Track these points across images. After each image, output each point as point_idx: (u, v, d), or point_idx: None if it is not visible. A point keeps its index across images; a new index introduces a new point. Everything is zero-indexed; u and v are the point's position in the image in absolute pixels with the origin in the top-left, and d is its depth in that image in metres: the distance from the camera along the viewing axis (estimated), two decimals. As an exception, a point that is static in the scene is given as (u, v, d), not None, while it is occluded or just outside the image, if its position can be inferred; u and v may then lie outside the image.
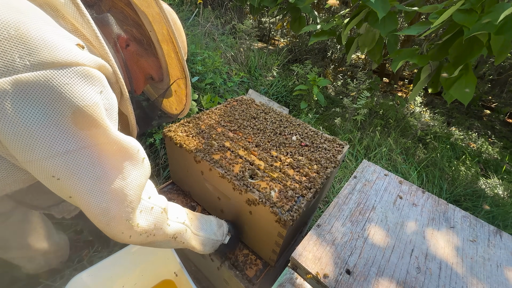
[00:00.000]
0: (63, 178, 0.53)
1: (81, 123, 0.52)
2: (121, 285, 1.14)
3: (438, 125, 3.45)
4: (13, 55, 0.45)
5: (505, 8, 0.98)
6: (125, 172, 0.62)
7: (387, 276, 0.80)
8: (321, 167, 1.08)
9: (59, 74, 0.49)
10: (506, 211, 2.15)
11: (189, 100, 0.95)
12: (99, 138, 0.56)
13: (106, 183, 0.58)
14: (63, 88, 0.49)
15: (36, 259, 1.11)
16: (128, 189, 0.62)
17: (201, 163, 1.06)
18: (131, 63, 0.80)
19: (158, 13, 0.75)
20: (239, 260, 1.10)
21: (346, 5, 4.66)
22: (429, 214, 1.03)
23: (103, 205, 0.59)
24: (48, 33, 0.49)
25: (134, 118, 0.77)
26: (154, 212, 0.70)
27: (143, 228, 0.67)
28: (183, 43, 0.89)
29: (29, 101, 0.47)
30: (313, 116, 3.04)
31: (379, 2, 1.35)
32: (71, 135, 0.52)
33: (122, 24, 0.76)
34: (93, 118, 0.53)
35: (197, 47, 2.55)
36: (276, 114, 1.39)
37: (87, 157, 0.55)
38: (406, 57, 1.41)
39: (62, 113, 0.50)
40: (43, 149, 0.50)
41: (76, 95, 0.50)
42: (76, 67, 0.51)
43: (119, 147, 0.60)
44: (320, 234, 0.90)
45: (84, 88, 0.52)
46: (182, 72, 0.87)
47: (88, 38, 0.58)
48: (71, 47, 0.51)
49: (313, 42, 2.00)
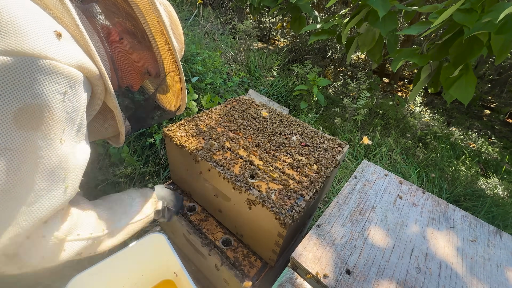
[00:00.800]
0: None
1: (23, 122, 0.46)
2: (121, 285, 1.13)
3: (438, 125, 3.45)
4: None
5: (505, 7, 0.98)
6: (37, 195, 0.52)
7: (387, 276, 0.79)
8: (321, 167, 1.08)
9: (19, 63, 0.44)
10: (506, 211, 2.15)
11: (185, 94, 0.92)
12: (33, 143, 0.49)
13: (10, 198, 0.49)
14: (18, 79, 0.44)
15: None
16: (27, 216, 0.52)
17: (201, 163, 1.06)
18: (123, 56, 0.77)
19: (148, 2, 0.71)
20: (239, 260, 1.09)
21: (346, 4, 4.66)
22: (429, 214, 1.03)
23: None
24: (21, 18, 0.45)
25: (121, 113, 0.73)
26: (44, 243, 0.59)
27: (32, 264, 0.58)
28: (180, 36, 0.87)
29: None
30: (313, 116, 3.04)
31: (379, 1, 1.35)
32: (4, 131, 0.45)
33: (114, 16, 0.73)
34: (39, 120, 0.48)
35: (197, 47, 2.55)
36: (276, 114, 1.39)
37: (5, 161, 0.47)
38: (406, 57, 1.41)
39: (5, 106, 0.44)
40: None
41: (29, 91, 0.46)
42: (43, 60, 0.46)
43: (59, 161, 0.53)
44: (320, 234, 0.90)
45: (41, 85, 0.47)
46: (175, 65, 0.83)
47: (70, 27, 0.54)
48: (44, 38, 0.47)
49: (313, 41, 2.00)
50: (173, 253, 1.12)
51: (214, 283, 1.26)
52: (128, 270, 1.14)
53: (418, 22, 1.37)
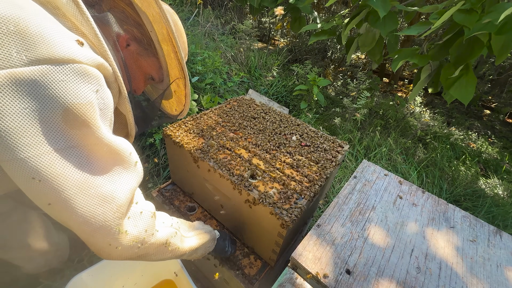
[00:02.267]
0: (45, 180, 0.49)
1: (72, 121, 0.50)
2: (121, 285, 1.13)
3: (438, 125, 3.45)
4: (11, 50, 0.45)
5: (506, 8, 0.98)
6: (115, 175, 0.59)
7: (387, 276, 0.79)
8: (321, 167, 1.08)
9: (55, 70, 0.48)
10: (506, 211, 2.15)
11: (189, 100, 0.95)
12: (89, 138, 0.53)
13: (93, 186, 0.54)
14: (57, 84, 0.48)
15: (35, 259, 1.10)
16: (118, 192, 0.58)
17: (201, 163, 1.06)
18: (131, 62, 0.80)
19: (158, 13, 0.75)
20: (239, 260, 1.09)
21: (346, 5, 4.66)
22: (429, 214, 1.03)
23: (89, 210, 0.54)
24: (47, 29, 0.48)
25: (133, 117, 0.76)
26: (143, 217, 0.66)
27: (133, 236, 0.62)
28: (183, 44, 0.89)
29: (20, 96, 0.46)
30: (313, 116, 3.04)
31: (379, 1, 1.35)
32: (60, 133, 0.50)
33: (122, 23, 0.76)
34: (84, 118, 0.51)
35: (197, 47, 2.55)
36: (276, 114, 1.39)
37: (74, 157, 0.52)
38: (406, 57, 1.41)
39: (53, 110, 0.48)
40: (26, 147, 0.47)
41: (70, 93, 0.49)
42: (73, 65, 0.50)
43: (110, 149, 0.57)
44: (320, 234, 0.90)
45: (79, 86, 0.51)
46: (181, 72, 0.87)
47: (88, 36, 0.58)
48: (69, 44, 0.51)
49: (313, 41, 2.00)
50: (173, 253, 1.12)
51: (214, 283, 1.26)
52: (128, 270, 1.14)
53: (418, 23, 1.37)
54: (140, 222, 0.65)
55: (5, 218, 0.92)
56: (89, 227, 0.55)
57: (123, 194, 0.59)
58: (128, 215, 0.62)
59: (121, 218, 0.60)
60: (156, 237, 0.69)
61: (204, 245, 0.90)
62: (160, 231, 0.71)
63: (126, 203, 0.60)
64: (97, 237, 0.57)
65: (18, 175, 0.48)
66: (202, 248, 0.90)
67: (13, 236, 0.97)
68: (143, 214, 0.66)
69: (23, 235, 1.00)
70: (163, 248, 0.72)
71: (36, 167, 0.48)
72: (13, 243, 0.99)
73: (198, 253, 0.89)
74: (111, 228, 0.58)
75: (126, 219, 0.61)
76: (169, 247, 0.74)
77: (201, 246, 0.88)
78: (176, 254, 0.78)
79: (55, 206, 0.52)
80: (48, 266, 1.18)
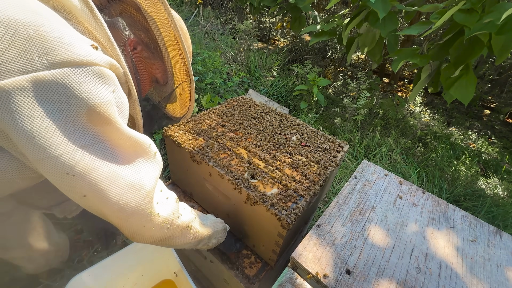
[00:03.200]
0: (78, 175, 0.53)
1: (95, 120, 0.54)
2: (121, 285, 1.14)
3: (438, 125, 3.45)
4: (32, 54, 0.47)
5: (506, 8, 0.98)
6: (140, 165, 0.63)
7: (387, 276, 0.80)
8: (321, 167, 1.08)
9: (75, 72, 0.51)
10: (506, 211, 2.15)
11: (193, 103, 0.98)
12: (112, 134, 0.57)
13: (122, 176, 0.59)
14: (78, 86, 0.51)
15: (36, 259, 1.11)
16: (144, 180, 0.63)
17: (201, 163, 1.06)
18: (139, 65, 0.82)
19: (167, 18, 0.78)
20: (239, 260, 1.09)
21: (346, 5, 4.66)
22: (429, 214, 1.03)
23: (122, 199, 0.59)
24: (65, 34, 0.51)
25: (142, 118, 0.78)
26: (169, 202, 0.73)
27: (164, 217, 0.69)
28: (189, 48, 0.91)
29: (45, 98, 0.48)
30: (313, 116, 3.04)
31: (379, 2, 1.35)
32: (86, 131, 0.53)
33: (131, 27, 0.78)
34: (106, 116, 0.55)
35: (197, 47, 2.55)
36: (276, 114, 1.39)
37: (102, 151, 0.56)
38: (406, 57, 1.41)
39: (77, 110, 0.51)
40: (58, 145, 0.50)
41: (91, 93, 0.52)
42: (91, 67, 0.53)
43: (131, 142, 0.62)
44: (320, 234, 0.90)
45: (98, 86, 0.54)
46: (187, 75, 0.90)
47: (101, 40, 0.60)
48: (86, 48, 0.53)
49: (314, 42, 2.00)
50: (173, 253, 1.12)
51: (214, 283, 1.26)
52: (128, 270, 1.14)
53: (419, 22, 1.37)
54: (167, 206, 0.71)
55: (6, 218, 0.92)
56: (124, 213, 0.60)
57: (149, 181, 0.65)
58: (157, 200, 0.68)
59: (151, 203, 0.65)
60: (181, 219, 0.76)
61: (218, 233, 0.96)
62: (183, 215, 0.78)
63: (153, 189, 0.66)
64: (132, 221, 0.63)
65: (52, 172, 0.52)
66: (217, 236, 0.96)
67: (13, 236, 0.97)
68: (169, 199, 0.73)
69: (24, 235, 1.00)
70: (186, 231, 0.79)
71: (69, 163, 0.52)
72: (14, 243, 0.99)
73: (212, 242, 0.95)
74: (144, 211, 0.64)
75: (155, 204, 0.67)
76: (191, 230, 0.80)
77: (215, 233, 0.94)
78: (196, 238, 0.84)
79: (90, 197, 0.57)
80: (48, 266, 1.18)
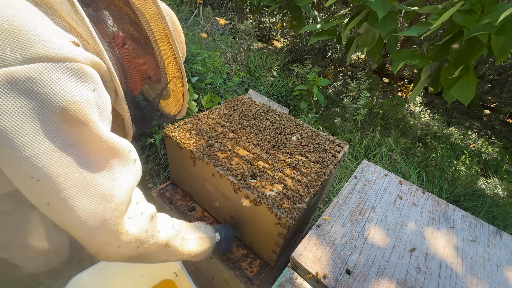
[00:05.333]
0: (44, 179, 0.48)
1: (70, 119, 0.50)
2: (121, 285, 1.14)
3: (438, 125, 3.45)
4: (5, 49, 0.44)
5: (505, 8, 0.98)
6: (115, 173, 0.58)
7: (387, 276, 0.80)
8: (321, 167, 1.08)
9: (51, 68, 0.47)
10: (506, 211, 2.15)
11: (186, 99, 0.94)
12: (88, 136, 0.53)
13: (93, 184, 0.54)
14: (54, 82, 0.47)
15: (36, 259, 1.11)
16: (117, 190, 0.57)
17: (201, 163, 1.06)
18: (128, 61, 0.79)
19: (155, 11, 0.74)
20: (239, 260, 1.10)
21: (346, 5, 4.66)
22: (429, 214, 1.03)
23: (88, 209, 0.53)
24: (42, 28, 0.48)
25: (130, 117, 0.75)
26: (144, 218, 0.65)
27: (133, 236, 0.61)
28: (181, 43, 0.89)
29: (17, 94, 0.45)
30: (313, 116, 3.04)
31: (379, 2, 1.35)
32: (59, 131, 0.49)
33: (119, 22, 0.75)
34: (83, 116, 0.51)
35: (197, 47, 2.54)
36: (276, 114, 1.39)
37: (74, 155, 0.51)
38: (406, 58, 1.41)
39: (51, 108, 0.47)
40: (26, 146, 0.46)
41: (67, 91, 0.49)
42: (70, 63, 0.50)
43: (109, 146, 0.57)
44: (320, 234, 0.90)
45: (75, 84, 0.50)
46: (179, 70, 0.86)
47: (83, 36, 0.57)
48: (64, 43, 0.50)
49: (313, 42, 2.00)
50: (173, 253, 1.12)
51: (214, 283, 1.26)
52: (128, 270, 1.14)
53: (418, 23, 1.37)
54: (141, 222, 0.64)
55: (5, 217, 0.92)
56: (88, 227, 0.54)
57: (122, 192, 0.58)
58: (129, 215, 0.61)
59: (120, 217, 0.59)
60: (156, 238, 0.68)
61: (203, 253, 0.90)
62: (161, 232, 0.71)
63: (125, 201, 0.59)
64: (97, 237, 0.56)
65: (18, 174, 0.48)
66: (201, 255, 0.90)
67: (13, 235, 0.97)
68: (143, 214, 0.65)
69: (24, 234, 1.00)
70: (162, 249, 0.71)
71: (35, 167, 0.47)
72: (14, 243, 0.99)
73: (197, 258, 0.89)
74: (110, 226, 0.57)
75: (126, 219, 0.60)
76: (168, 249, 0.73)
77: (200, 253, 0.88)
78: (175, 256, 0.77)
79: (54, 206, 0.51)
80: (48, 266, 1.18)
